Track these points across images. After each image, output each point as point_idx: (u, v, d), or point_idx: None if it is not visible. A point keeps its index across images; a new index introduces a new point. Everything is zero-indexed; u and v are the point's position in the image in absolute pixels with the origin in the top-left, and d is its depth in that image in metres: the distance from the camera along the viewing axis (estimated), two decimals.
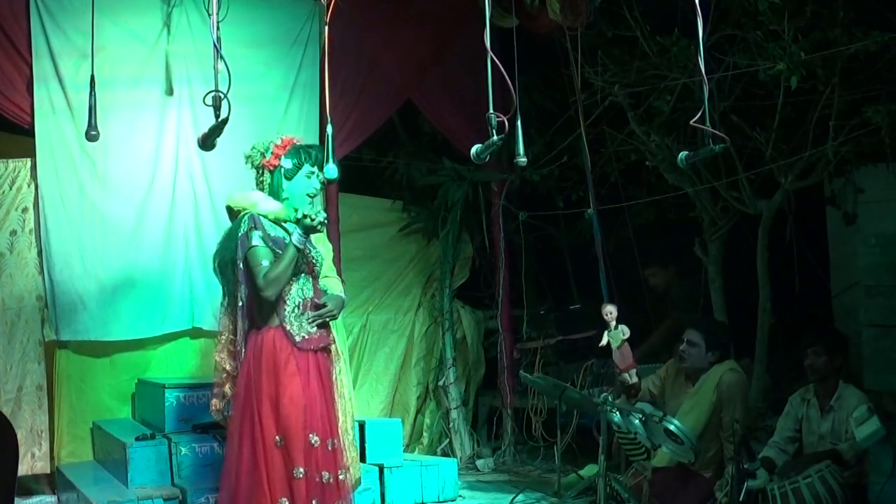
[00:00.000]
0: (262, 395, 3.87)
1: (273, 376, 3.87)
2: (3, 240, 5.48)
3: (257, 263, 3.89)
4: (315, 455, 3.87)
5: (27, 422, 5.43)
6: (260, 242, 3.91)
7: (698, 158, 4.08)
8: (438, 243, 7.19)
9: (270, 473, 3.82)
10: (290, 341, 3.91)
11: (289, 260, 3.90)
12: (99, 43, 5.22)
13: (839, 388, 4.68)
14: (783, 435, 4.85)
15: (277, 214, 4.01)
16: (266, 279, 3.87)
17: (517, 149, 3.87)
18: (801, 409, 4.80)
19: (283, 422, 3.85)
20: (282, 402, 3.85)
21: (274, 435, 3.85)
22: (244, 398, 3.91)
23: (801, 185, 6.01)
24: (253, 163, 4.12)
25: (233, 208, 4.09)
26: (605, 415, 4.65)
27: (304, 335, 3.95)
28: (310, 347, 3.95)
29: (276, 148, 4.08)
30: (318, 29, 6.23)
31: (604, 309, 4.92)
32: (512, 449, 6.96)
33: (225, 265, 4.02)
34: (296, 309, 3.96)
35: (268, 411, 3.86)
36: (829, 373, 4.71)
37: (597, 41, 6.18)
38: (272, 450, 3.84)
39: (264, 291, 3.88)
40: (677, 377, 5.20)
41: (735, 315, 6.39)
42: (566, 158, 6.98)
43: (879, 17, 5.29)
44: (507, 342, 7.16)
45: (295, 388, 3.87)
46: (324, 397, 3.96)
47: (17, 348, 5.47)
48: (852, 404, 4.58)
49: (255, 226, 3.93)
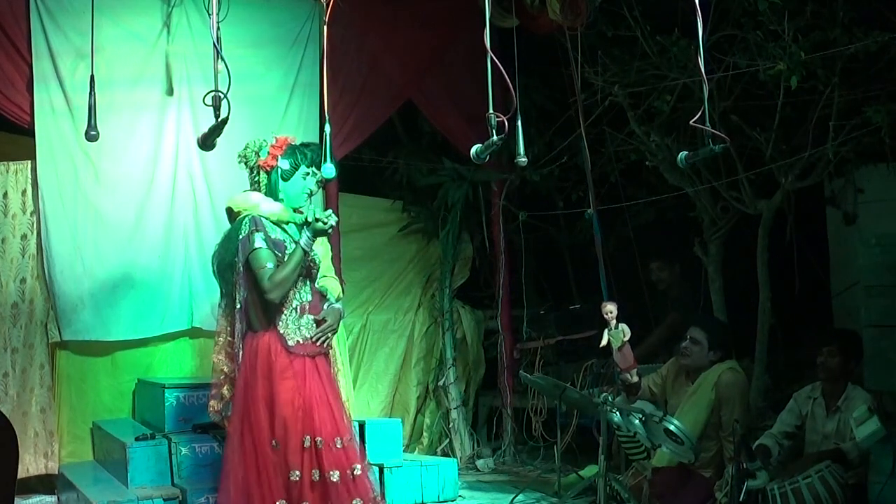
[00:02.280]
0: (258, 398, 3.86)
1: (268, 380, 3.87)
2: (15, 243, 5.52)
3: (261, 266, 3.87)
4: (312, 457, 3.85)
5: (40, 423, 5.46)
6: (263, 244, 3.89)
7: (698, 158, 4.08)
8: (438, 243, 7.19)
9: (267, 476, 3.82)
10: (283, 345, 3.90)
11: (296, 262, 3.89)
12: (99, 43, 5.22)
13: (847, 389, 4.67)
14: (782, 429, 4.84)
15: (279, 216, 4.00)
16: (272, 282, 3.85)
17: (517, 149, 3.87)
18: (806, 406, 4.79)
19: (279, 425, 3.84)
20: (276, 406, 3.84)
21: (270, 438, 3.84)
22: (242, 401, 3.91)
23: (801, 185, 6.00)
24: (247, 163, 4.10)
25: (233, 210, 4.07)
26: (605, 415, 4.65)
27: (298, 340, 3.94)
28: (304, 353, 3.93)
29: (273, 148, 4.06)
30: (318, 29, 6.23)
31: (604, 308, 4.91)
32: (512, 449, 6.97)
33: (225, 267, 4.00)
34: (293, 312, 3.95)
35: (263, 415, 3.85)
36: (840, 374, 4.69)
37: (597, 41, 6.18)
38: (268, 453, 3.83)
39: (269, 294, 3.86)
40: (678, 376, 5.20)
41: (735, 315, 6.39)
42: (566, 158, 6.98)
43: (879, 17, 5.29)
44: (507, 342, 7.16)
45: (289, 392, 3.86)
46: (325, 398, 3.94)
47: (27, 350, 5.49)
48: (858, 406, 4.56)
49: (256, 228, 3.91)
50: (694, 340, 5.06)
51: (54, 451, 5.50)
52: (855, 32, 5.20)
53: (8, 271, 5.48)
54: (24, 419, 5.40)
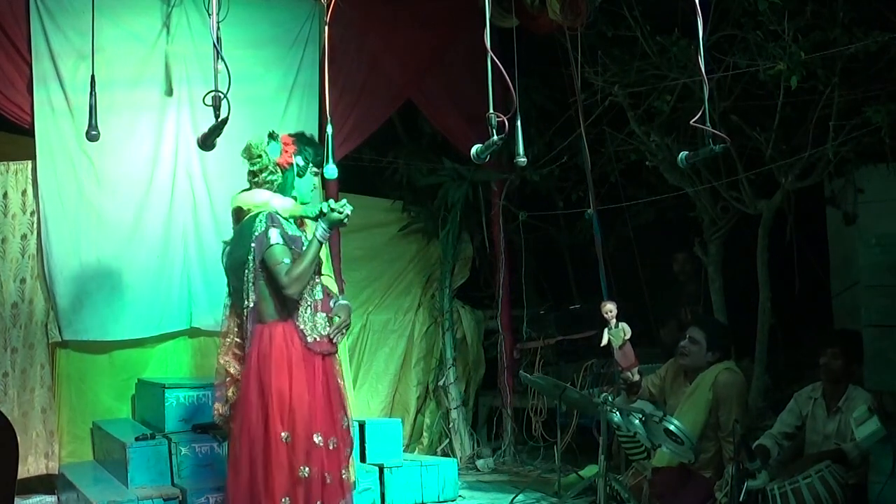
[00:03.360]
0: (272, 389, 3.80)
1: (286, 371, 3.81)
2: (15, 243, 5.51)
3: (278, 262, 3.83)
4: (320, 455, 3.83)
5: (41, 422, 5.46)
6: (280, 240, 3.86)
7: (698, 158, 4.08)
8: (438, 243, 7.20)
9: (274, 470, 3.76)
10: (301, 339, 3.88)
11: (313, 255, 3.87)
12: (99, 43, 5.22)
13: (848, 390, 4.66)
14: (782, 429, 4.83)
15: (293, 212, 3.99)
16: (290, 277, 3.82)
17: (517, 149, 3.87)
18: (806, 406, 4.78)
19: (291, 418, 3.80)
20: (292, 399, 3.80)
21: (280, 431, 3.78)
22: (251, 392, 3.84)
23: (801, 185, 6.01)
24: (260, 162, 4.01)
25: (242, 208, 4.02)
26: (605, 415, 4.65)
27: (315, 337, 3.92)
28: (319, 350, 3.92)
29: (286, 146, 4.05)
30: (318, 29, 6.23)
31: (603, 307, 4.91)
32: (512, 449, 6.97)
33: (239, 265, 3.94)
34: (308, 309, 3.93)
35: (276, 406, 3.79)
36: (843, 375, 4.69)
37: (597, 41, 6.18)
38: (278, 446, 3.78)
39: (288, 289, 3.83)
40: (676, 377, 5.20)
41: (735, 315, 6.39)
42: (566, 158, 6.99)
43: (879, 17, 5.29)
44: (507, 342, 7.16)
45: (303, 386, 3.83)
46: (328, 398, 3.93)
47: (27, 350, 5.49)
48: (858, 406, 4.55)
49: (273, 224, 3.87)
50: (693, 340, 5.06)
51: (54, 451, 5.50)
52: (855, 32, 5.20)
53: (8, 271, 5.48)
54: (24, 419, 5.40)
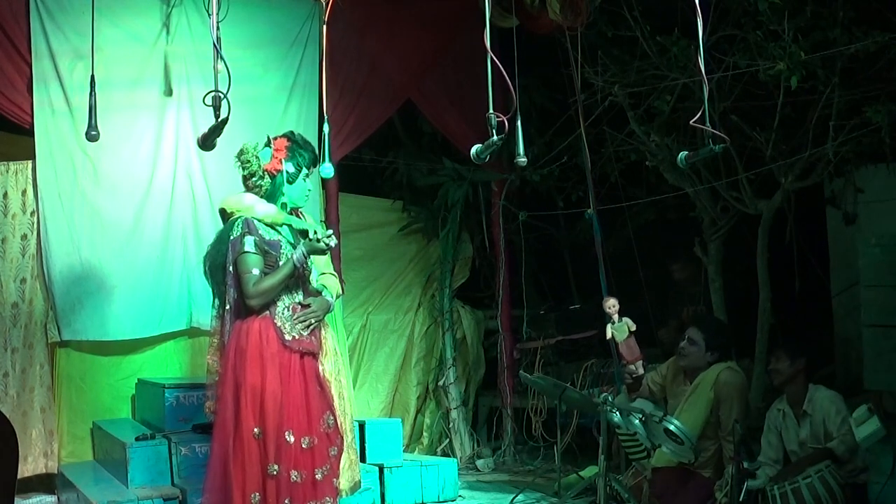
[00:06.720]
0: (245, 384, 3.80)
1: (259, 367, 3.81)
2: (15, 243, 5.51)
3: (247, 271, 3.83)
4: (290, 453, 3.81)
5: (41, 422, 5.46)
6: (252, 248, 3.85)
7: (698, 158, 4.09)
8: (438, 243, 7.20)
9: (245, 466, 3.77)
10: (278, 336, 3.87)
11: (284, 276, 3.86)
12: (98, 43, 5.21)
13: (809, 391, 4.63)
14: (769, 454, 4.76)
15: (274, 219, 3.98)
16: (256, 289, 3.82)
17: (517, 149, 3.86)
18: (777, 420, 4.75)
19: (263, 414, 3.79)
20: (264, 395, 3.80)
21: (252, 427, 3.79)
22: (226, 387, 3.85)
23: (801, 185, 6.01)
24: (249, 167, 4.01)
25: (226, 211, 4.03)
26: (605, 415, 4.65)
27: (294, 335, 3.92)
28: (297, 349, 3.91)
29: (276, 152, 4.04)
30: (318, 29, 6.22)
31: (606, 303, 4.93)
32: (512, 449, 6.97)
33: (216, 268, 3.95)
34: (285, 311, 3.93)
35: (248, 401, 3.80)
36: (792, 375, 4.66)
37: (597, 41, 6.18)
38: (250, 441, 3.78)
39: (251, 301, 3.82)
40: (676, 376, 5.20)
41: (735, 315, 6.39)
42: (566, 158, 6.99)
43: (879, 17, 5.29)
44: (507, 342, 7.16)
45: (277, 383, 3.82)
46: (305, 396, 3.90)
47: (27, 350, 5.49)
48: (825, 406, 4.53)
49: (248, 230, 3.86)
50: (692, 341, 5.05)
51: (54, 451, 5.50)
52: (855, 32, 5.20)
53: (8, 271, 5.48)
54: (24, 419, 5.39)
